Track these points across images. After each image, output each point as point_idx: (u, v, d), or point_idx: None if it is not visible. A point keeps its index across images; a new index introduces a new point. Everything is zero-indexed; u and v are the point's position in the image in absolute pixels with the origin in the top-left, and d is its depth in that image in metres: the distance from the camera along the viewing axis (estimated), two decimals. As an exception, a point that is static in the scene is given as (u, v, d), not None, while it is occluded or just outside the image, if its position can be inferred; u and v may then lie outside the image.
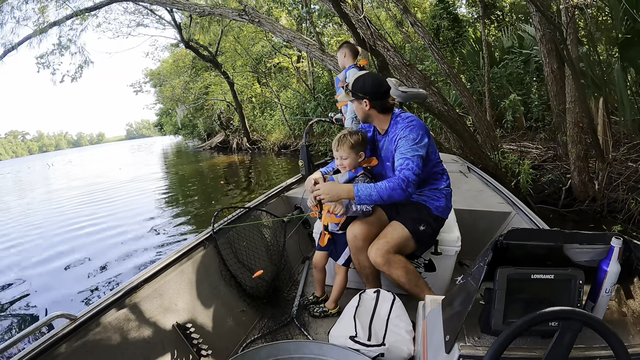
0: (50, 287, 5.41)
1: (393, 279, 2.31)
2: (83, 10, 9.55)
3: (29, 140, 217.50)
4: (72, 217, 9.86)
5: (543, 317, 1.00)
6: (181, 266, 2.47)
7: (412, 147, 2.20)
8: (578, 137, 5.42)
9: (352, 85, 2.39)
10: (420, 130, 2.25)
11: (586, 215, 5.44)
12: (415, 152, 2.20)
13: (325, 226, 2.59)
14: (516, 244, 1.22)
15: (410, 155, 2.19)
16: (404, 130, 2.25)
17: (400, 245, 2.31)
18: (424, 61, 12.32)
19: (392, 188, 2.16)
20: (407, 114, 2.36)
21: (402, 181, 2.15)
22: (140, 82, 27.31)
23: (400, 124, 2.31)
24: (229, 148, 24.33)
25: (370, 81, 2.35)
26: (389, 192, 2.16)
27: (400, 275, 2.28)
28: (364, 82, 2.35)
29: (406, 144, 2.22)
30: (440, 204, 2.43)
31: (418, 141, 2.22)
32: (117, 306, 1.99)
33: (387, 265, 2.25)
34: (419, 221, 2.36)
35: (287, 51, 18.07)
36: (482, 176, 4.29)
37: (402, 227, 2.34)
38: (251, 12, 7.40)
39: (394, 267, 2.26)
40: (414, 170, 2.17)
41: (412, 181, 2.17)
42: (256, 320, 2.72)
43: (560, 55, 6.05)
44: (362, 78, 2.38)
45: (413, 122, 2.27)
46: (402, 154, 2.22)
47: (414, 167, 2.18)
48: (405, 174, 2.17)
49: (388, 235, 2.32)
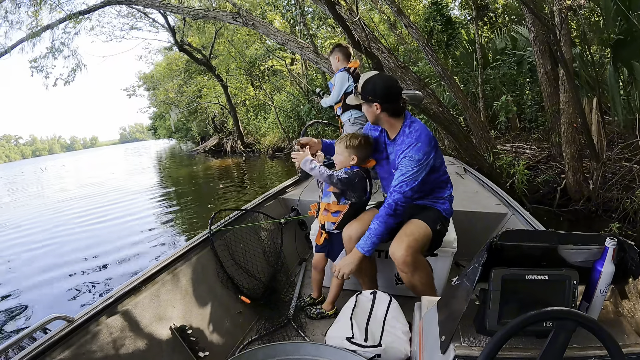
0: (45, 291, 5.38)
1: (411, 281, 2.25)
2: (76, 14, 9.51)
3: (22, 144, 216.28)
4: (67, 221, 9.81)
5: (537, 318, 1.01)
6: (178, 268, 2.47)
7: (414, 169, 2.19)
8: (572, 137, 5.45)
9: (361, 88, 2.31)
10: (427, 148, 2.20)
11: (581, 215, 5.47)
12: (415, 175, 2.19)
13: (322, 225, 2.61)
14: (511, 245, 1.23)
15: (407, 178, 2.20)
16: (411, 149, 2.20)
17: (424, 244, 2.28)
18: (417, 63, 12.35)
19: (383, 222, 2.23)
20: (416, 125, 2.30)
21: (389, 208, 2.23)
22: (133, 86, 27.24)
23: (408, 138, 2.25)
24: (223, 151, 24.28)
25: (381, 83, 2.26)
26: (383, 227, 2.23)
27: (422, 276, 2.24)
28: (374, 85, 2.26)
29: (409, 164, 2.20)
30: (446, 207, 2.46)
31: (422, 161, 2.19)
32: (114, 309, 1.99)
33: (413, 266, 2.18)
34: (436, 220, 2.35)
35: (280, 54, 18.07)
36: (478, 177, 4.31)
37: (425, 225, 2.29)
38: (245, 15, 7.39)
39: (419, 268, 2.22)
40: (406, 194, 2.21)
41: (400, 204, 2.22)
42: (253, 321, 2.72)
43: (553, 56, 6.10)
44: (372, 80, 2.28)
45: (420, 139, 2.21)
46: (401, 174, 2.22)
47: (407, 190, 2.20)
48: (395, 198, 2.22)
49: (415, 233, 2.23)
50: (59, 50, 10.76)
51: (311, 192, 3.98)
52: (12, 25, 10.01)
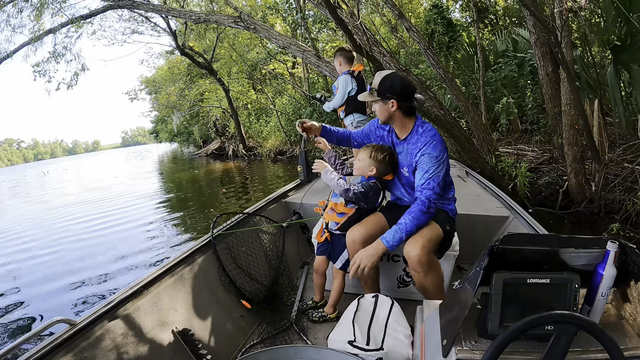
0: (47, 294, 5.40)
1: (423, 282, 2.23)
2: (78, 18, 9.55)
3: (24, 148, 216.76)
4: (69, 225, 9.85)
5: (539, 321, 1.01)
6: (180, 272, 2.48)
7: (435, 165, 2.21)
8: (574, 139, 5.45)
9: (379, 85, 2.30)
10: (442, 146, 2.24)
11: (584, 217, 5.46)
12: (437, 171, 2.21)
13: (326, 224, 2.62)
14: (512, 248, 1.23)
15: (432, 175, 2.20)
16: (428, 146, 2.22)
17: (436, 245, 2.27)
18: (419, 65, 12.36)
19: (416, 218, 2.18)
20: (428, 125, 2.33)
21: (422, 205, 2.19)
22: (135, 90, 27.29)
23: (423, 136, 2.27)
24: (225, 155, 24.35)
25: (400, 81, 2.28)
26: (414, 224, 2.19)
27: (434, 277, 2.23)
28: (392, 82, 2.27)
29: (429, 161, 2.21)
30: (452, 208, 2.47)
31: (440, 158, 2.22)
32: (116, 312, 2.00)
33: (427, 266, 2.17)
34: (445, 220, 2.35)
35: (282, 57, 18.09)
36: (480, 180, 4.30)
37: (437, 226, 2.29)
38: (246, 19, 7.42)
39: (432, 269, 2.21)
40: (435, 189, 2.20)
41: (433, 201, 2.20)
42: (255, 325, 2.72)
43: (554, 58, 6.09)
44: (390, 77, 2.29)
45: (435, 137, 2.25)
46: (424, 172, 2.23)
47: (435, 186, 2.20)
48: (427, 195, 2.20)
49: (429, 234, 2.22)
50: (61, 54, 10.79)
51: (313, 196, 3.98)
52: (14, 30, 10.03)
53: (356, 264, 2.21)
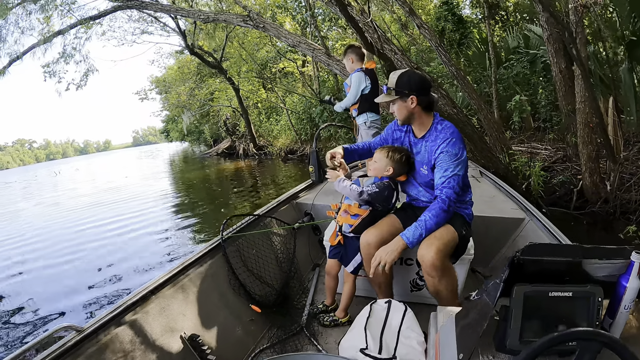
0: (58, 295, 5.45)
1: (437, 286, 2.18)
2: (87, 19, 9.60)
3: (36, 148, 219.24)
4: (81, 225, 9.96)
5: (563, 339, 0.96)
6: (189, 276, 2.45)
7: (454, 164, 2.17)
8: (589, 137, 5.35)
9: (395, 83, 2.27)
10: (461, 144, 2.22)
11: (599, 218, 5.35)
12: (456, 170, 2.18)
13: (340, 226, 2.57)
14: (534, 259, 1.18)
15: (451, 174, 2.17)
16: (446, 144, 2.20)
17: (451, 249, 2.22)
18: (430, 63, 12.26)
19: (436, 216, 2.15)
20: (447, 123, 2.30)
21: (443, 203, 2.15)
22: (145, 90, 27.36)
23: (442, 133, 2.25)
24: (236, 154, 24.40)
25: (416, 76, 2.25)
26: (435, 221, 2.15)
27: (448, 282, 2.18)
28: (409, 78, 2.24)
29: (448, 159, 2.18)
30: (468, 212, 2.43)
31: (459, 156, 2.19)
32: (124, 318, 1.98)
33: (442, 270, 2.12)
34: (462, 225, 2.31)
35: (292, 56, 18.05)
36: (494, 180, 4.22)
37: (453, 230, 2.23)
38: (255, 18, 7.38)
39: (446, 274, 2.16)
40: (455, 189, 2.17)
41: (453, 200, 2.17)
42: (265, 329, 2.69)
43: (568, 54, 5.99)
44: (407, 74, 2.27)
45: (454, 135, 2.22)
46: (443, 170, 2.19)
47: (455, 185, 2.17)
48: (447, 193, 2.16)
49: (444, 237, 2.17)
50: (70, 55, 10.85)
51: (325, 196, 3.94)
52: (23, 32, 10.10)
53: (376, 260, 2.15)
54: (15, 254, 8.23)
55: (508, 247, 3.19)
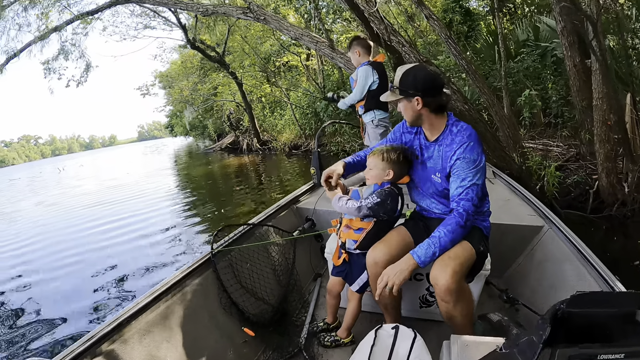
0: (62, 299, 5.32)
1: (451, 312, 1.94)
2: (84, 14, 9.41)
3: (41, 144, 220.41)
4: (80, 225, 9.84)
5: None
6: (174, 296, 2.21)
7: (472, 172, 1.95)
8: (606, 135, 5.05)
9: (399, 82, 2.05)
10: (479, 148, 1.99)
11: (617, 221, 5.03)
12: (475, 179, 1.95)
13: (343, 243, 2.33)
14: (583, 312, 0.93)
15: (469, 183, 1.94)
16: (463, 149, 1.96)
17: (468, 268, 1.98)
18: (437, 56, 12.00)
19: (452, 232, 1.90)
20: (463, 124, 2.08)
21: (460, 217, 1.91)
22: (147, 85, 27.04)
23: (458, 137, 2.02)
24: (240, 149, 24.23)
25: (422, 75, 2.01)
26: (450, 238, 1.90)
27: (464, 307, 1.94)
28: (414, 77, 2.01)
29: (466, 167, 1.95)
30: (486, 225, 2.18)
31: (478, 163, 1.96)
32: (99, 348, 1.76)
33: (457, 295, 1.88)
34: (480, 241, 2.07)
35: (296, 49, 17.83)
36: (508, 182, 3.94)
37: (470, 247, 1.99)
38: (256, 10, 7.16)
39: (462, 298, 1.93)
40: (473, 200, 1.94)
41: (471, 213, 1.93)
42: (260, 351, 2.47)
43: (583, 48, 5.71)
44: (412, 72, 2.03)
45: (472, 137, 2.00)
46: (461, 179, 1.96)
47: (474, 196, 1.94)
48: (465, 206, 1.93)
49: (461, 256, 1.93)
50: (69, 51, 10.69)
51: (328, 201, 3.69)
52: (20, 29, 9.94)
53: (383, 281, 1.90)
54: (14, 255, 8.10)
55: (525, 256, 2.94)
